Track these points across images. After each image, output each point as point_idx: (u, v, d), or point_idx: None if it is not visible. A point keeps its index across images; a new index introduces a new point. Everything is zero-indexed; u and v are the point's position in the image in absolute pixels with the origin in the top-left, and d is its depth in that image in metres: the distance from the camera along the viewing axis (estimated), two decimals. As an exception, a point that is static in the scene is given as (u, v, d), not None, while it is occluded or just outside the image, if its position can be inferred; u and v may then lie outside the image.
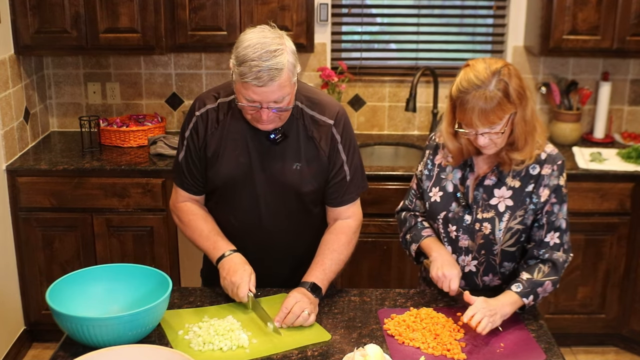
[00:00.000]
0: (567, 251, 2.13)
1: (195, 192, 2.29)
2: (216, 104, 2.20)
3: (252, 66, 1.93)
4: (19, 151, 3.59)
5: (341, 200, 2.25)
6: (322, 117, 2.19)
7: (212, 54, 3.92)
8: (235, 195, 2.21)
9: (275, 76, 1.95)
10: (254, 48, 1.95)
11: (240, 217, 2.24)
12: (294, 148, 2.17)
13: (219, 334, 1.94)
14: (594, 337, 3.72)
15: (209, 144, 2.19)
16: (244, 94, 2.00)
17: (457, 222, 2.16)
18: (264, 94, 1.97)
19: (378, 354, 1.76)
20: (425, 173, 2.25)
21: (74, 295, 1.98)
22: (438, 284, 2.11)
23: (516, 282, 2.06)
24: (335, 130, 2.19)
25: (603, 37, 3.56)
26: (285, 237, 2.27)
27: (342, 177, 2.22)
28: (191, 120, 2.22)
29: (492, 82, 1.94)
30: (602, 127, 3.89)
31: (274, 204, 2.21)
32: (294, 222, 2.26)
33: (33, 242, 3.52)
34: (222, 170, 2.19)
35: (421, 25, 4.01)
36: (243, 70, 1.95)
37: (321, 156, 2.19)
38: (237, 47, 2.00)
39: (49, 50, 3.62)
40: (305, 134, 2.18)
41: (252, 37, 1.98)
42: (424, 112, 4.01)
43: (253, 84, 1.95)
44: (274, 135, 2.14)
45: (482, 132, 1.98)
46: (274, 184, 2.19)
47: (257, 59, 1.93)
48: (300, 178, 2.18)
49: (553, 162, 2.09)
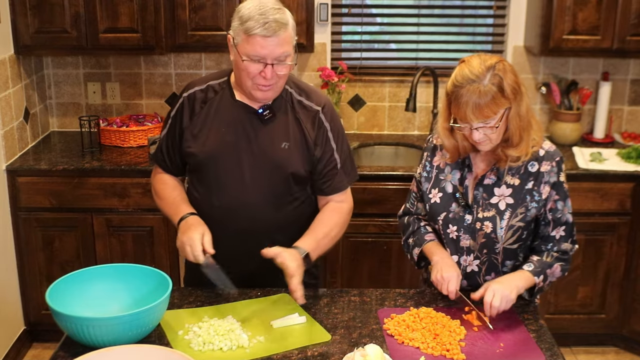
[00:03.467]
0: (574, 242, 2.18)
1: (168, 170, 2.36)
2: (204, 85, 2.27)
3: (258, 19, 2.02)
4: (19, 151, 3.59)
5: (333, 188, 2.29)
6: (310, 103, 2.25)
7: (212, 54, 3.92)
8: (219, 175, 2.22)
9: (281, 27, 2.04)
10: (259, 6, 2.05)
11: (224, 199, 2.23)
12: (282, 127, 2.21)
13: (219, 334, 1.93)
14: (594, 337, 3.72)
15: (195, 122, 2.24)
16: (249, 50, 2.05)
17: (458, 223, 2.16)
18: (270, 47, 2.03)
19: (378, 354, 1.76)
20: (424, 175, 2.25)
21: (74, 295, 1.98)
22: (437, 286, 2.12)
23: (527, 262, 2.12)
24: (324, 118, 2.25)
25: (603, 37, 3.56)
26: (268, 223, 2.25)
27: (333, 166, 2.26)
28: (178, 101, 2.29)
29: (487, 77, 1.96)
30: (602, 127, 3.89)
31: (260, 184, 2.21)
32: (278, 206, 2.24)
33: (33, 242, 3.52)
34: (206, 148, 2.21)
35: (421, 25, 4.01)
36: (250, 25, 2.03)
37: (308, 140, 2.23)
38: (238, 11, 2.09)
39: (48, 50, 3.62)
40: (294, 115, 2.23)
41: (253, 1, 2.08)
42: (424, 112, 4.01)
43: (261, 34, 2.02)
44: (262, 111, 2.19)
45: (476, 127, 2.00)
46: (261, 163, 2.20)
47: (264, 13, 2.04)
48: (289, 157, 2.20)
49: (551, 158, 2.11)
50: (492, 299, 1.99)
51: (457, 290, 2.10)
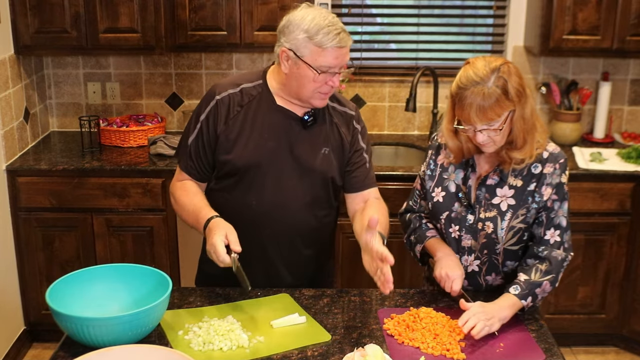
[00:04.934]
0: (567, 250, 2.12)
1: (198, 178, 2.27)
2: (238, 89, 2.22)
3: (330, 30, 2.03)
4: (19, 151, 3.59)
5: (367, 183, 2.32)
6: (343, 108, 2.29)
7: (212, 54, 3.92)
8: (259, 179, 2.20)
9: (349, 36, 2.08)
10: (321, 17, 2.06)
11: (262, 201, 2.20)
12: (322, 133, 2.23)
13: (219, 334, 1.93)
14: (594, 337, 3.72)
15: (230, 127, 2.18)
16: (321, 62, 2.06)
17: (460, 222, 2.16)
18: (342, 56, 2.08)
19: (378, 354, 1.76)
20: (428, 173, 2.25)
21: (74, 295, 1.98)
22: (441, 283, 2.12)
23: (514, 284, 2.05)
24: (355, 122, 2.30)
25: (603, 37, 3.56)
26: (304, 228, 2.25)
27: (363, 163, 2.31)
28: (209, 103, 2.21)
29: (491, 79, 1.95)
30: (602, 127, 3.89)
31: (300, 189, 2.21)
32: (314, 211, 2.25)
33: (33, 242, 3.52)
34: (246, 154, 2.17)
35: (421, 25, 4.01)
36: (322, 38, 2.04)
37: (344, 143, 2.26)
38: (297, 24, 2.06)
39: (49, 50, 3.62)
40: (330, 120, 2.25)
41: (308, 12, 2.08)
42: (424, 112, 4.01)
43: (337, 46, 2.05)
44: (308, 117, 2.20)
45: (480, 129, 1.99)
46: (302, 168, 2.20)
47: (331, 24, 2.05)
48: (328, 163, 2.22)
49: (555, 160, 2.10)
50: (472, 328, 1.92)
51: (460, 290, 2.10)
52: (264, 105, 2.20)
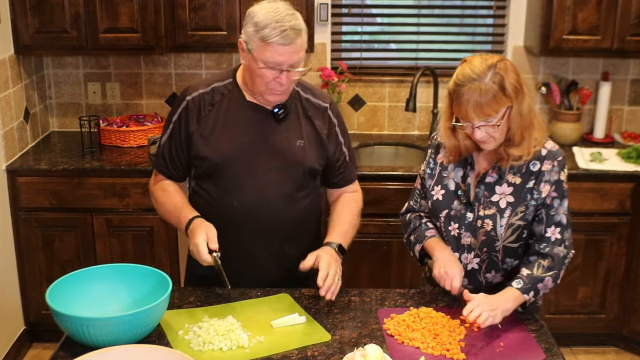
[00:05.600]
0: (569, 247, 2.13)
1: (172, 177, 2.31)
2: (209, 88, 2.23)
3: (276, 27, 2.01)
4: (19, 151, 3.59)
5: (347, 179, 2.37)
6: (317, 100, 2.29)
7: (212, 54, 3.92)
8: (237, 175, 2.20)
9: (298, 35, 2.04)
10: (275, 12, 2.04)
11: (243, 198, 2.21)
12: (295, 126, 2.23)
13: (219, 334, 1.93)
14: (594, 337, 3.73)
15: (203, 125, 2.20)
16: (266, 57, 2.04)
17: (459, 220, 2.16)
18: (287, 54, 2.04)
19: (378, 354, 1.76)
20: (428, 172, 2.26)
21: (74, 295, 1.98)
22: (440, 282, 2.12)
23: (517, 279, 2.07)
24: (332, 114, 2.30)
25: (603, 37, 3.56)
26: (287, 219, 2.25)
27: (343, 159, 2.34)
28: (180, 105, 2.23)
29: (488, 76, 1.96)
30: (602, 127, 3.89)
31: (278, 182, 2.21)
32: (295, 201, 2.25)
33: (33, 242, 3.52)
34: (221, 150, 2.19)
35: (421, 25, 4.01)
36: (267, 33, 2.01)
37: (320, 135, 2.26)
38: (252, 16, 2.06)
39: (49, 50, 3.62)
40: (304, 113, 2.26)
41: (266, 6, 2.07)
42: (424, 112, 4.01)
43: (279, 43, 2.02)
44: (278, 110, 2.19)
45: (478, 125, 2.00)
46: (279, 162, 2.20)
47: (280, 20, 2.02)
48: (304, 154, 2.23)
49: (553, 158, 2.11)
50: (477, 316, 1.94)
51: (460, 286, 2.10)
52: (234, 102, 2.21)
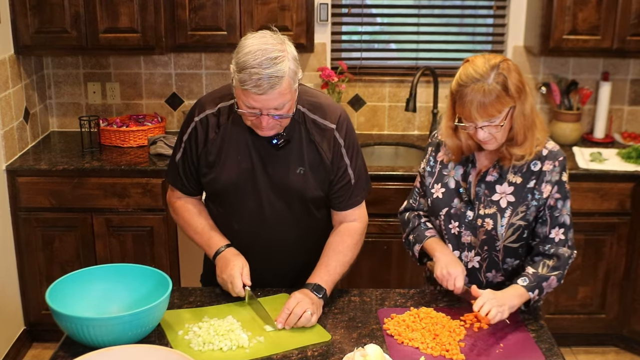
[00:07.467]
0: (572, 248, 2.15)
1: (189, 193, 2.31)
2: (216, 108, 2.18)
3: (252, 73, 1.91)
4: (19, 151, 3.59)
5: (347, 204, 2.24)
6: (324, 121, 2.17)
7: (212, 54, 3.92)
8: (238, 200, 2.20)
9: (275, 84, 1.93)
10: (255, 55, 1.92)
11: (244, 223, 2.22)
12: (297, 152, 2.15)
13: (219, 334, 1.93)
14: (594, 337, 3.72)
15: (209, 149, 2.18)
16: (243, 100, 1.98)
17: (459, 218, 2.16)
18: (263, 102, 1.95)
19: (378, 354, 1.76)
20: (428, 170, 2.25)
21: (74, 295, 1.98)
22: (443, 282, 2.12)
23: (522, 276, 2.08)
24: (338, 135, 2.18)
25: (603, 37, 3.56)
26: (289, 242, 2.25)
27: (347, 181, 2.21)
28: (189, 124, 2.21)
29: (491, 76, 1.96)
30: (602, 127, 3.89)
31: (278, 209, 2.20)
32: (298, 226, 2.24)
33: (33, 242, 3.52)
34: (223, 176, 2.17)
35: (421, 25, 4.01)
36: (243, 77, 1.93)
37: (324, 161, 2.17)
38: (237, 52, 1.98)
39: (48, 50, 3.62)
40: (308, 138, 2.16)
41: (253, 43, 1.96)
42: (424, 112, 4.01)
43: (253, 91, 1.93)
44: (277, 141, 2.11)
45: (481, 126, 2.00)
46: (278, 189, 2.17)
47: (258, 66, 1.91)
48: (304, 182, 2.16)
49: (554, 158, 2.11)
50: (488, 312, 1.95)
51: (463, 286, 2.10)
52: (237, 126, 2.15)
